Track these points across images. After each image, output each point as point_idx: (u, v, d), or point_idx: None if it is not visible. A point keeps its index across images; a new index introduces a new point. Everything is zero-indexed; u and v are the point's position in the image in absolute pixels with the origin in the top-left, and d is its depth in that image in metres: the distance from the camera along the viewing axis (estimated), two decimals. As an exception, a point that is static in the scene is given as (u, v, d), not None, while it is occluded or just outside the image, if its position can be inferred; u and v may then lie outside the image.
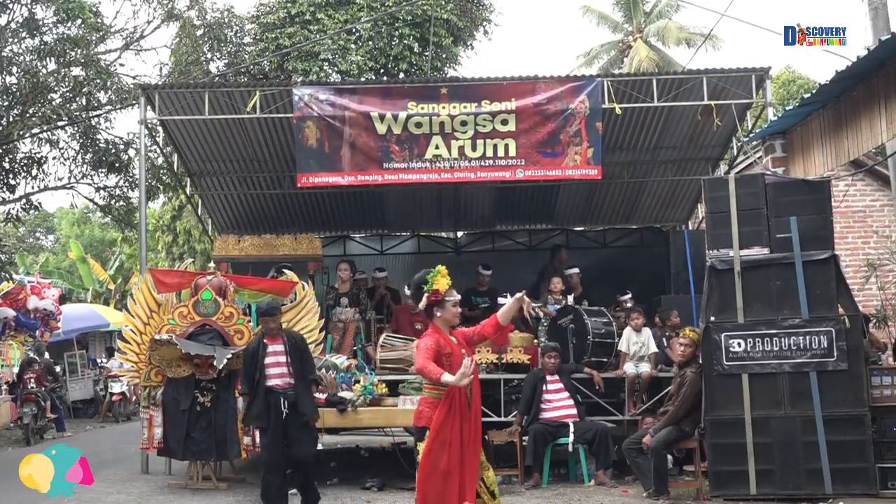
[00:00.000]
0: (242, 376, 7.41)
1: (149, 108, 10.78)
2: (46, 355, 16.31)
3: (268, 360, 7.16)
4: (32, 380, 14.34)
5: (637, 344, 9.59)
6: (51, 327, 15.60)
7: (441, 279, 5.20)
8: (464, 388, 4.95)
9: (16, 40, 14.67)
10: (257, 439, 8.44)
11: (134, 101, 14.61)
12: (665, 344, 9.83)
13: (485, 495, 5.15)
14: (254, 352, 7.24)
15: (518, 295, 5.26)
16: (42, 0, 14.62)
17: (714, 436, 7.61)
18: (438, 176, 10.30)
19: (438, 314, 5.23)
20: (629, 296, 11.07)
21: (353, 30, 18.14)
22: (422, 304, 5.31)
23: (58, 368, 18.30)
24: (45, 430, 14.23)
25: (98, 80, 14.99)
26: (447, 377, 4.86)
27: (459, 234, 15.26)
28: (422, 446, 5.08)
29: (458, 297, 5.31)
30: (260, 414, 7.14)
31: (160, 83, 13.96)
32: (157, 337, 8.58)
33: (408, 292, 5.71)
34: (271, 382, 7.14)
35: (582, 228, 14.95)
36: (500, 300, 10.62)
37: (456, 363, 4.96)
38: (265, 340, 7.26)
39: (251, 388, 7.19)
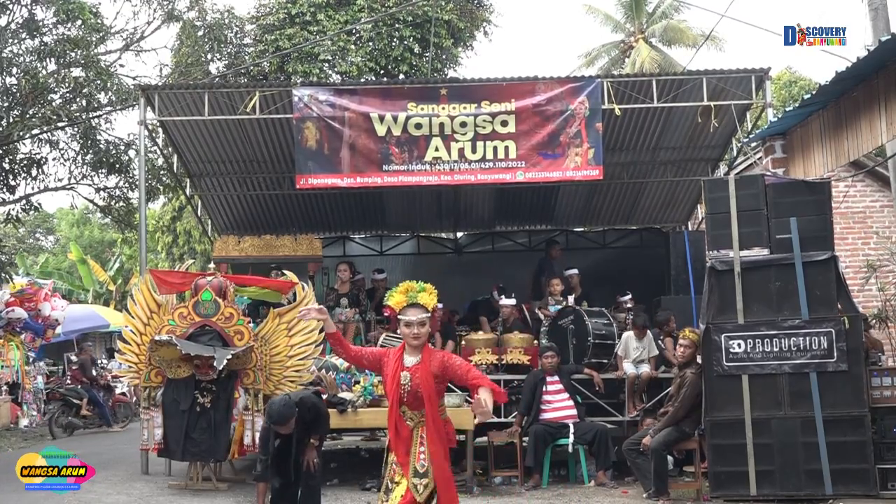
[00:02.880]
0: (260, 443, 7.14)
1: (149, 108, 10.78)
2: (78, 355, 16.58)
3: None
4: (69, 378, 14.85)
5: (638, 350, 9.60)
6: (45, 337, 15.77)
7: (397, 295, 4.72)
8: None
9: (16, 41, 14.67)
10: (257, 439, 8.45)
11: (134, 102, 14.62)
12: (663, 346, 9.84)
13: None
14: (268, 439, 6.84)
15: (479, 412, 4.45)
16: (42, 1, 14.63)
17: (714, 436, 7.61)
18: (438, 178, 10.28)
19: (398, 331, 4.94)
20: (629, 296, 11.09)
21: (353, 31, 18.15)
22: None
23: (58, 368, 18.40)
24: (75, 427, 14.52)
25: (98, 81, 14.99)
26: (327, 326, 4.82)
27: (459, 234, 15.27)
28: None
29: (417, 317, 4.62)
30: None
31: (160, 84, 13.95)
32: (156, 338, 8.56)
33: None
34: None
35: (582, 229, 14.97)
36: (504, 301, 10.66)
37: (387, 388, 4.72)
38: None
39: (268, 454, 6.85)
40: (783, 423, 7.43)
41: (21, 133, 14.62)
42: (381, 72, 18.33)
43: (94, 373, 15.57)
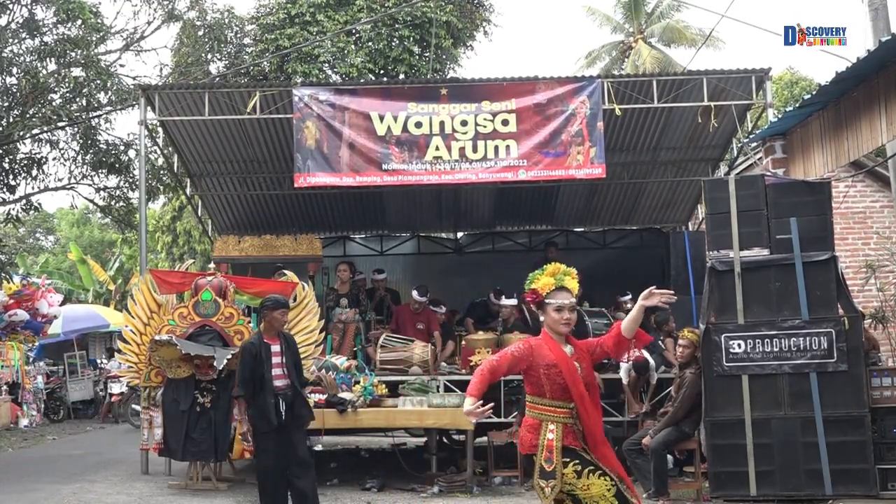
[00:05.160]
0: (240, 378, 6.81)
1: (149, 108, 10.79)
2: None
3: (273, 360, 6.74)
4: None
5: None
6: (42, 332, 15.82)
7: (544, 277, 4.31)
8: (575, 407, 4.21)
9: (16, 41, 14.67)
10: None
11: (134, 102, 14.63)
12: (663, 346, 9.82)
13: None
14: (257, 353, 6.73)
15: (645, 293, 4.27)
16: (42, 0, 14.63)
17: (714, 437, 7.60)
18: (439, 178, 10.24)
19: (542, 319, 4.37)
20: (629, 297, 11.07)
21: (353, 31, 18.15)
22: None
23: (58, 368, 18.43)
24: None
25: (98, 81, 15.01)
26: (467, 403, 4.12)
27: (459, 234, 15.27)
28: (536, 479, 4.26)
29: (569, 301, 4.31)
30: (267, 416, 6.65)
31: (160, 84, 13.97)
32: (157, 337, 8.58)
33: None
34: (275, 383, 6.72)
35: (582, 229, 14.96)
36: (504, 301, 10.65)
37: (567, 377, 4.18)
38: (266, 340, 6.80)
39: (250, 391, 6.68)
40: (783, 424, 7.43)
41: (21, 133, 14.64)
42: (381, 72, 18.33)
43: None
